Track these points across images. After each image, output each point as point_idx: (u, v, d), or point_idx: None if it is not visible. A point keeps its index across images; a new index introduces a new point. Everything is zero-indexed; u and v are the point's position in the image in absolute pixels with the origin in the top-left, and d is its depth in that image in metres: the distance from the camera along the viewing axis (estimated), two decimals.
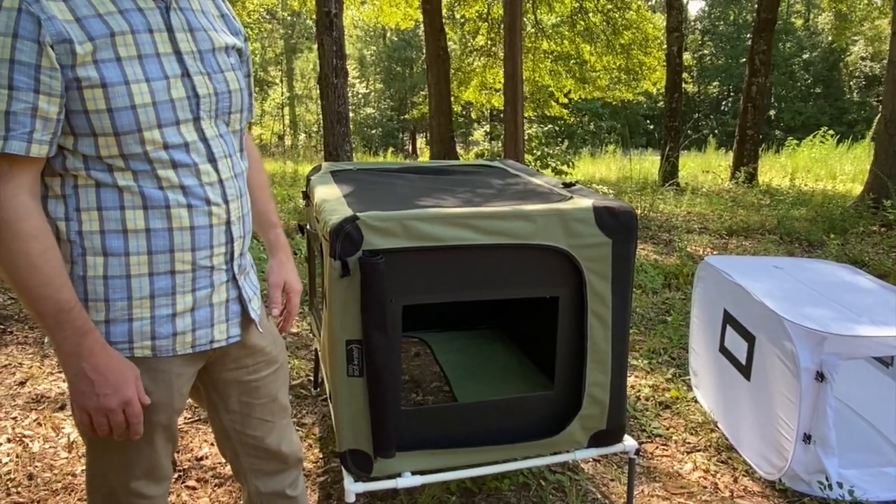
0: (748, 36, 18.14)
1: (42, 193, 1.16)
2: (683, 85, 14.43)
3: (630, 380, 3.07)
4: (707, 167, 13.61)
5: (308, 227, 2.56)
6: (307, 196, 2.54)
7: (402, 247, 1.79)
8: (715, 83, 34.59)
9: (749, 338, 2.46)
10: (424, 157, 16.41)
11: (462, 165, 2.77)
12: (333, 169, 2.66)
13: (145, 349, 1.24)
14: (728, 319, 2.64)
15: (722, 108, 34.48)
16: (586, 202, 1.91)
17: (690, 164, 14.70)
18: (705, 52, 35.44)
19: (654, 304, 4.10)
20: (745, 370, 2.49)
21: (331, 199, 2.07)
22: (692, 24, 36.49)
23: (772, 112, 30.61)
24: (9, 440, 2.37)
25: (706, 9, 35.75)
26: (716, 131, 30.45)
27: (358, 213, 1.77)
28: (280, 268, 1.52)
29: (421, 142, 32.90)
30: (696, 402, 2.88)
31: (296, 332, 3.54)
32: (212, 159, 1.26)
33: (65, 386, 2.81)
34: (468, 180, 2.44)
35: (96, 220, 1.18)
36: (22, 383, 2.82)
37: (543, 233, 1.85)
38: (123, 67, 1.12)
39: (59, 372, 2.94)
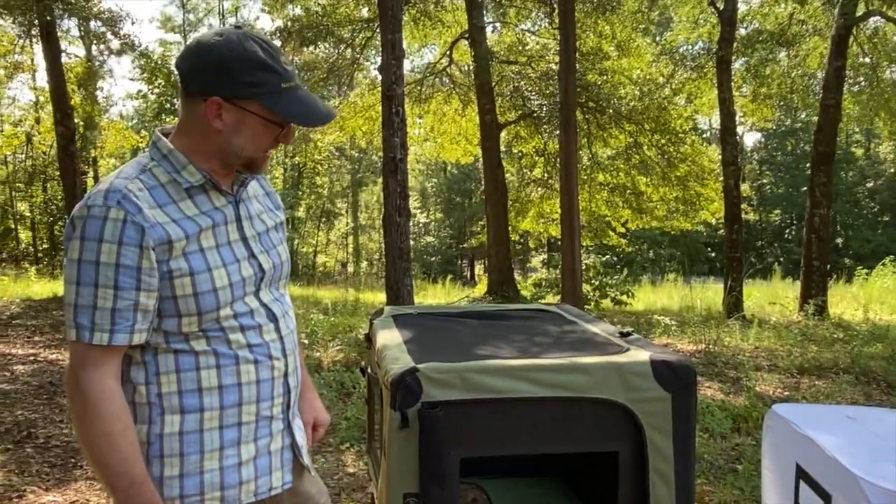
0: (807, 165, 18.20)
1: (121, 369, 1.27)
2: (744, 214, 14.44)
3: None
4: (773, 297, 13.27)
5: (369, 370, 2.63)
6: (369, 339, 2.63)
7: (460, 398, 1.82)
8: (777, 211, 34.36)
9: (825, 496, 2.32)
10: (483, 285, 16.57)
11: (520, 310, 2.83)
12: (395, 313, 2.76)
13: (215, 500, 1.31)
14: (801, 475, 2.51)
15: (786, 236, 33.99)
16: (644, 355, 1.92)
17: (756, 294, 14.36)
18: (764, 181, 35.53)
19: (724, 450, 3.92)
20: None
21: (392, 345, 2.14)
22: (749, 154, 36.90)
23: (839, 240, 29.99)
24: None
25: (762, 140, 36.20)
26: (781, 259, 29.88)
27: (418, 365, 1.83)
28: (309, 407, 1.63)
29: (479, 269, 33.35)
30: None
31: (352, 472, 3.52)
32: (273, 319, 1.39)
33: None
34: (525, 326, 2.48)
35: (174, 382, 1.29)
36: None
37: (601, 386, 1.86)
38: (206, 257, 1.28)
39: None
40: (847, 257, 28.19)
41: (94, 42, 12.96)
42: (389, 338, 2.28)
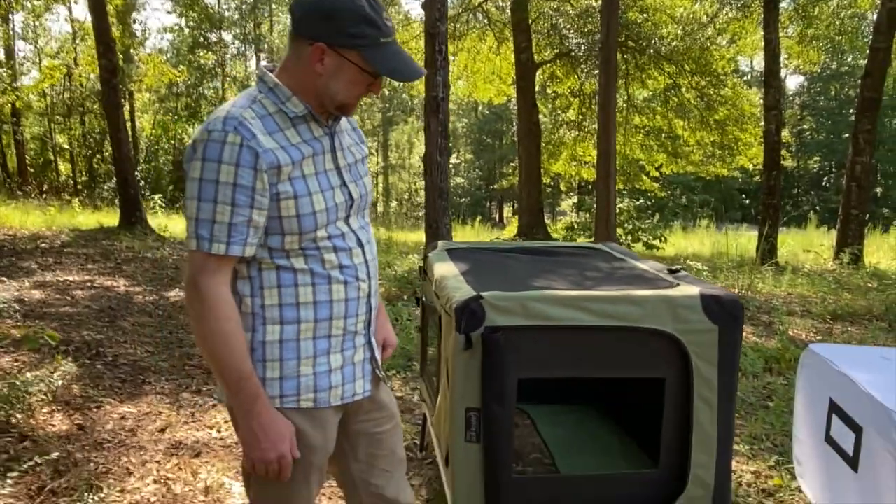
0: (851, 111, 17.68)
1: (232, 278, 1.43)
2: (784, 160, 14.18)
3: (731, 465, 3.06)
4: (808, 246, 13.15)
5: (424, 299, 2.78)
6: (424, 272, 2.77)
7: (520, 324, 1.96)
8: (816, 158, 33.52)
9: (856, 429, 2.45)
10: (513, 227, 16.65)
11: (569, 247, 2.95)
12: (449, 247, 2.89)
13: (309, 401, 1.48)
14: (834, 409, 2.64)
15: (823, 183, 33.28)
16: (694, 290, 2.04)
17: (790, 242, 14.24)
18: (805, 126, 34.54)
19: (755, 388, 4.05)
20: (853, 461, 2.47)
21: (451, 276, 2.28)
22: (791, 98, 35.80)
23: (878, 189, 29.27)
24: (154, 481, 2.65)
25: (805, 84, 35.04)
26: (817, 208, 29.34)
27: (482, 293, 1.97)
28: (381, 328, 1.78)
29: (508, 211, 33.33)
30: (799, 491, 2.84)
31: (400, 396, 3.74)
32: (360, 244, 1.55)
33: (199, 434, 3.10)
34: (576, 262, 2.60)
35: (276, 296, 1.45)
36: (162, 430, 3.13)
37: (652, 317, 1.98)
38: (307, 183, 1.42)
39: (195, 421, 3.25)
40: (886, 207, 27.60)
41: None
42: (447, 269, 2.42)
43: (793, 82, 35.94)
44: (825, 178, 33.23)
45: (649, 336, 2.00)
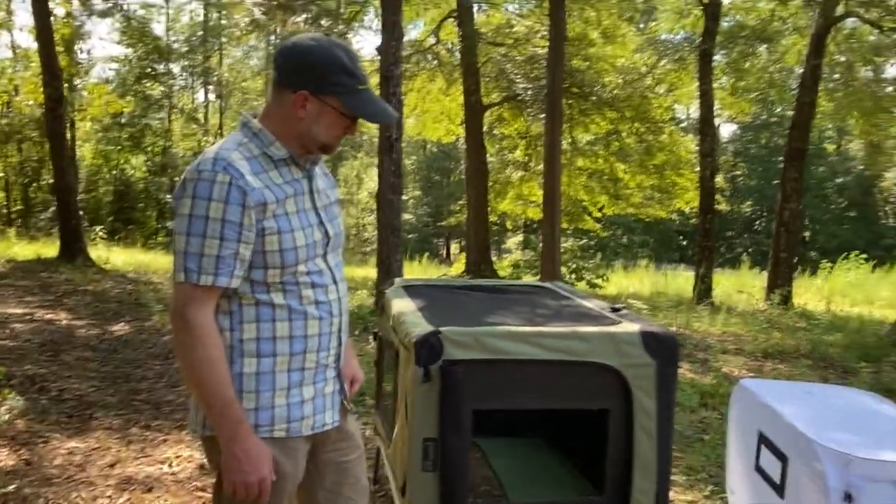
0: (780, 159, 18.76)
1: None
2: (718, 204, 14.86)
3: (669, 492, 3.22)
4: (741, 286, 13.75)
5: (381, 334, 2.88)
6: (382, 308, 2.88)
7: (476, 358, 2.09)
8: (748, 202, 35.05)
9: (783, 458, 2.65)
10: (460, 264, 16.86)
11: (518, 285, 3.11)
12: (406, 284, 3.01)
13: (282, 431, 1.57)
14: (762, 440, 2.84)
15: (755, 227, 34.79)
16: (634, 327, 2.21)
17: (724, 283, 14.85)
18: (738, 172, 36.16)
19: (692, 422, 4.26)
20: (780, 489, 2.66)
21: (408, 312, 2.40)
22: (724, 145, 37.52)
23: (806, 234, 30.80)
24: None
25: (738, 132, 36.81)
26: (749, 250, 30.63)
27: (440, 328, 2.09)
28: (348, 364, 1.86)
29: (455, 248, 33.62)
30: None
31: None
32: (334, 281, 1.66)
33: (150, 470, 3.08)
34: (526, 299, 2.76)
35: (254, 330, 1.54)
36: (112, 465, 3.10)
37: (597, 352, 2.14)
38: (290, 220, 1.54)
39: (145, 456, 3.22)
40: (813, 250, 29.03)
41: (79, 2, 12.81)
42: (404, 306, 2.53)
43: (726, 130, 37.69)
44: (757, 222, 34.78)
45: (595, 369, 2.15)
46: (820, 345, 6.69)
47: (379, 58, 6.50)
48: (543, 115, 12.06)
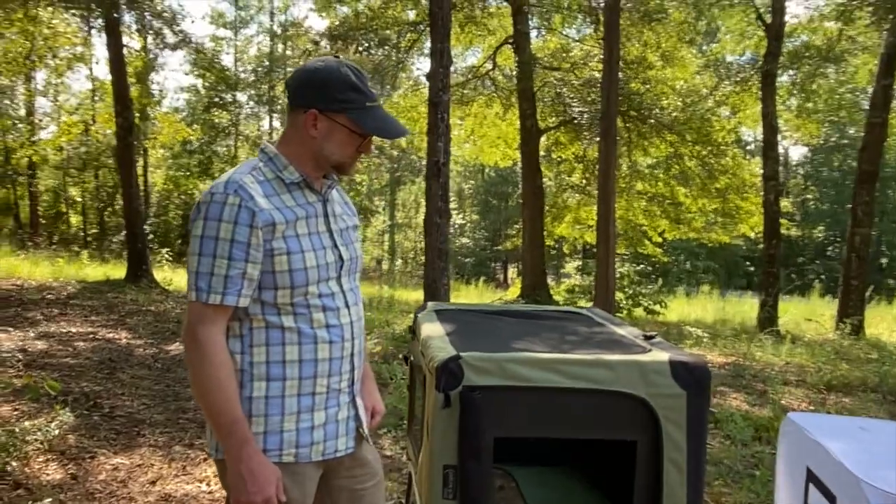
0: (852, 182, 18.02)
1: (225, 334, 1.54)
2: (785, 229, 14.33)
3: None
4: (810, 314, 13.16)
5: (412, 358, 2.87)
6: (413, 331, 2.87)
7: (497, 384, 2.05)
8: (820, 227, 33.69)
9: (831, 498, 2.49)
10: (516, 288, 16.75)
11: (552, 311, 3.05)
12: (438, 308, 3.00)
13: (290, 456, 1.57)
14: (811, 478, 2.68)
15: (828, 253, 33.34)
16: (664, 356, 2.13)
17: (793, 311, 14.25)
18: (809, 196, 34.87)
19: (743, 456, 4.07)
20: None
21: (435, 336, 2.38)
22: (794, 168, 36.28)
23: (883, 260, 29.32)
24: None
25: (809, 155, 35.55)
26: (822, 277, 29.34)
27: (461, 353, 2.07)
28: (369, 394, 1.87)
29: (512, 272, 33.44)
30: None
31: (389, 455, 3.78)
32: (347, 304, 1.66)
33: (188, 488, 3.15)
34: (557, 326, 2.70)
35: (264, 353, 1.56)
36: (153, 482, 3.18)
37: (623, 381, 2.07)
38: (300, 241, 1.56)
39: (185, 474, 3.30)
40: (891, 278, 27.58)
41: (152, 36, 13.49)
42: (433, 329, 2.52)
43: (796, 153, 36.48)
44: (829, 248, 33.33)
45: (621, 399, 2.08)
46: (889, 378, 6.31)
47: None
48: (598, 139, 11.94)
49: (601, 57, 11.32)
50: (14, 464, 3.12)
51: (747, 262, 32.16)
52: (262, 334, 1.55)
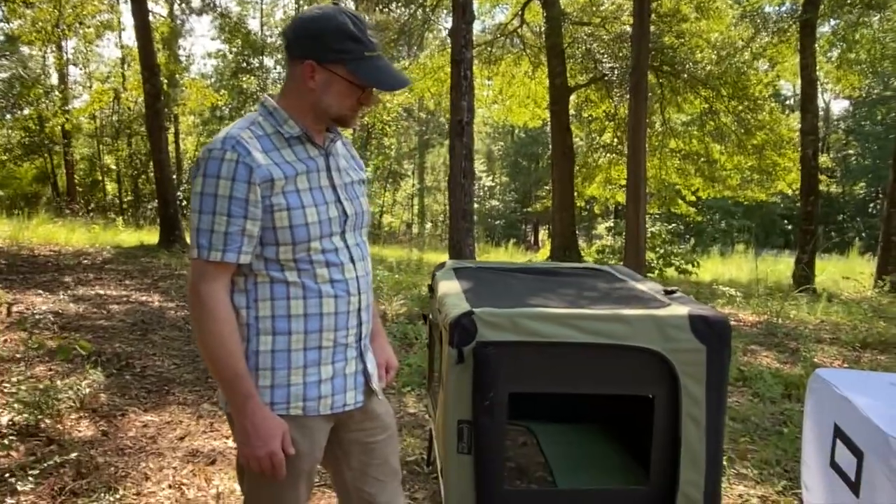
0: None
1: (230, 289, 1.53)
2: (824, 186, 13.90)
3: (739, 489, 3.05)
4: (850, 272, 12.85)
5: (430, 316, 2.86)
6: (432, 289, 2.86)
7: (510, 340, 2.03)
8: (861, 184, 32.70)
9: (858, 454, 2.44)
10: (546, 250, 16.64)
11: (572, 268, 3.00)
12: (456, 266, 2.98)
13: (298, 409, 1.57)
14: (838, 433, 2.62)
15: (870, 210, 32.39)
16: (683, 310, 2.08)
17: (831, 269, 13.93)
18: (850, 151, 33.79)
19: (772, 413, 4.01)
20: (855, 487, 2.45)
21: (452, 293, 2.36)
22: (835, 123, 35.09)
23: None
24: (169, 486, 2.77)
25: (850, 108, 34.34)
26: (863, 234, 28.57)
27: (474, 309, 2.04)
28: (381, 350, 1.85)
29: (543, 234, 33.23)
30: None
31: (413, 412, 3.81)
32: (352, 260, 1.63)
33: (216, 444, 3.22)
34: (576, 282, 2.66)
35: (269, 308, 1.55)
36: (181, 438, 3.26)
37: (640, 335, 2.03)
38: (301, 196, 1.53)
39: (213, 431, 3.37)
40: None
41: (178, 1, 13.49)
42: (450, 287, 2.50)
43: (838, 107, 35.22)
44: (871, 205, 32.37)
45: (638, 354, 2.04)
46: None
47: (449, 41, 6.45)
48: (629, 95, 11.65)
49: (632, 10, 10.97)
50: (47, 421, 3.22)
51: (785, 221, 31.44)
52: (267, 289, 1.54)
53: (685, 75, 14.68)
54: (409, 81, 1.59)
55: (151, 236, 12.15)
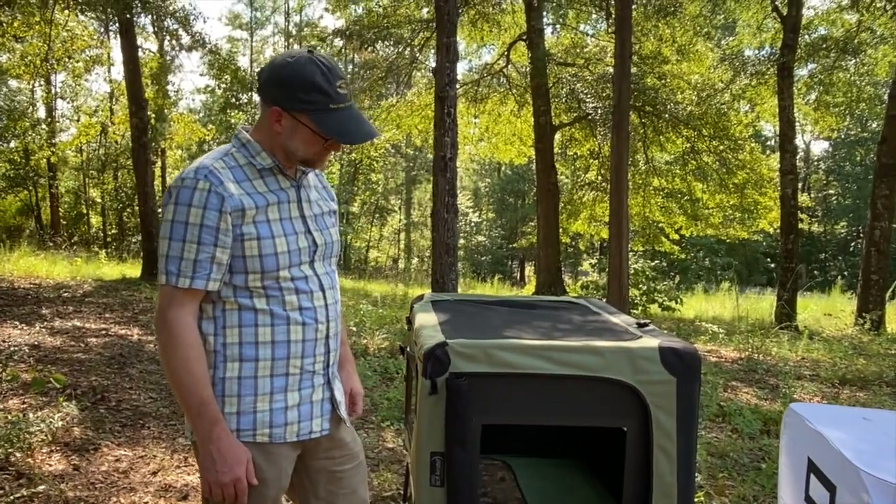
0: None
1: (198, 316, 1.55)
2: (807, 225, 14.11)
3: None
4: (831, 310, 12.98)
5: (408, 349, 2.86)
6: (409, 321, 2.87)
7: (484, 371, 2.04)
8: (842, 223, 33.20)
9: (831, 488, 2.45)
10: (531, 286, 16.69)
11: (549, 301, 3.03)
12: (434, 299, 2.99)
13: (264, 436, 1.57)
14: (811, 468, 2.63)
15: (850, 248, 32.82)
16: (653, 342, 2.10)
17: (813, 307, 14.05)
18: (831, 191, 34.38)
19: (751, 449, 4.01)
20: None
21: (428, 325, 2.37)
22: (815, 163, 35.76)
23: None
24: None
25: (830, 149, 35.04)
26: (845, 273, 28.89)
27: (448, 340, 2.05)
28: (348, 378, 1.88)
29: (529, 270, 33.33)
30: None
31: (391, 447, 3.77)
32: (322, 288, 1.66)
33: (189, 478, 3.17)
34: (551, 315, 2.68)
35: (237, 335, 1.56)
36: (154, 473, 3.21)
37: (612, 367, 2.05)
38: (271, 227, 1.56)
39: (187, 465, 3.32)
40: None
41: (167, 38, 13.63)
42: (426, 319, 2.51)
43: (818, 147, 35.92)
44: (852, 244, 32.82)
45: (611, 386, 2.06)
46: None
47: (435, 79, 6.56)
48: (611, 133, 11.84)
49: (614, 51, 11.22)
50: (17, 455, 3.17)
51: (768, 259, 31.78)
52: (235, 316, 1.55)
53: (667, 115, 14.97)
54: (375, 134, 1.62)
55: (134, 269, 12.08)
